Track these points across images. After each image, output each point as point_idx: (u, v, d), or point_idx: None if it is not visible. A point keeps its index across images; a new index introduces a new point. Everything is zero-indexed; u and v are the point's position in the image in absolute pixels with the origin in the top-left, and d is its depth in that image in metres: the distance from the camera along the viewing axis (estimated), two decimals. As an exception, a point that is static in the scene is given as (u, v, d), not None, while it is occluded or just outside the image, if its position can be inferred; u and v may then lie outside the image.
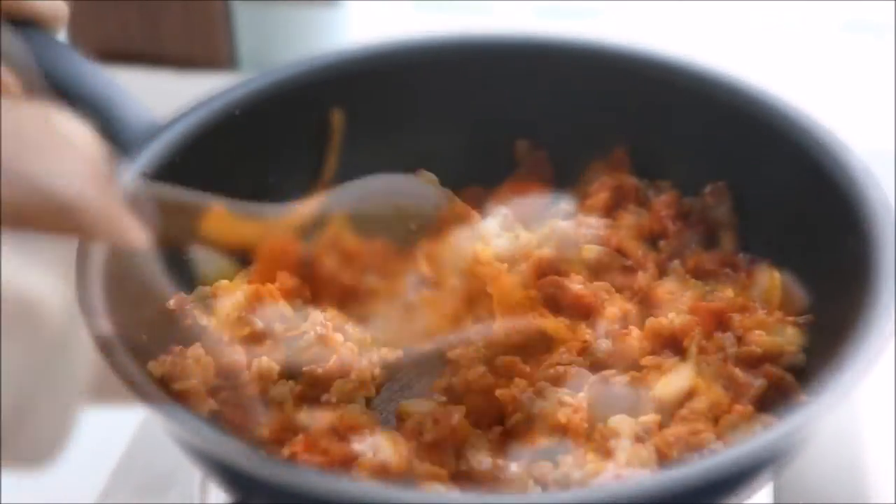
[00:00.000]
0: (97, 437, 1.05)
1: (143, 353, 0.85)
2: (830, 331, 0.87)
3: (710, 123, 1.00)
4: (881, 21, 1.43)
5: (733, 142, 0.99)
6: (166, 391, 0.82)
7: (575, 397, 0.86)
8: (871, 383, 1.04)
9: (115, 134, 0.91)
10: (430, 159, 1.07)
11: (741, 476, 0.74)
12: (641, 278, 0.94)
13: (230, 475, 0.77)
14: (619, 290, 0.95)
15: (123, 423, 0.99)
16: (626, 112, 1.04)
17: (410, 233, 0.90)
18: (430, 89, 1.06)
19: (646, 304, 0.94)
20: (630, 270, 0.95)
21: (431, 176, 1.05)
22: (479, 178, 1.06)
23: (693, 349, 0.87)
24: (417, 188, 0.95)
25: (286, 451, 0.79)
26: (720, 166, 1.01)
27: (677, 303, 0.91)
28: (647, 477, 0.76)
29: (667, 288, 0.93)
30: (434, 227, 0.91)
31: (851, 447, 1.00)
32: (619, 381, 0.86)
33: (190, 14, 1.39)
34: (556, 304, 0.95)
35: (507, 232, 1.00)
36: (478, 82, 1.06)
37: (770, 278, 0.95)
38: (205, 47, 1.41)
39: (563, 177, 1.07)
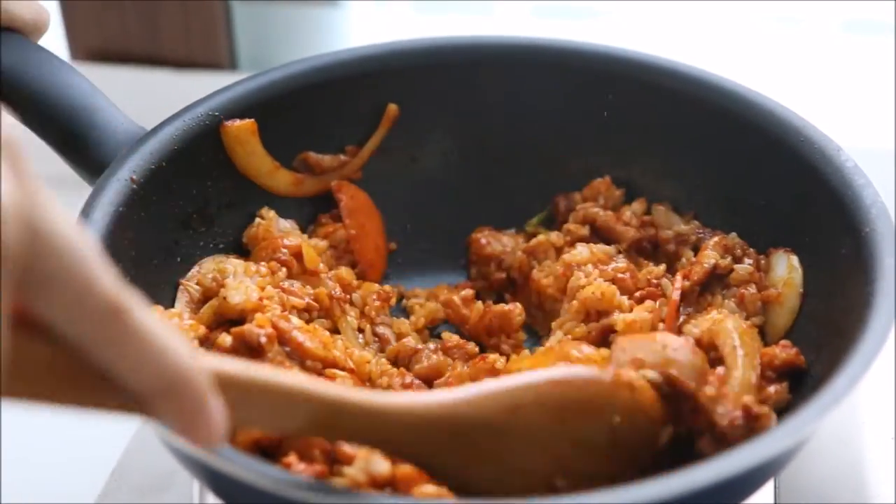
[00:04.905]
0: (97, 438, 1.05)
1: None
2: (829, 332, 0.87)
3: (706, 127, 1.00)
4: (881, 21, 1.43)
5: (729, 145, 0.99)
6: None
7: None
8: (871, 384, 1.04)
9: (98, 141, 0.92)
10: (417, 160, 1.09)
11: (742, 479, 0.74)
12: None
13: (219, 481, 0.77)
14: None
15: (123, 423, 0.99)
16: (622, 116, 1.04)
17: None
18: (419, 91, 1.06)
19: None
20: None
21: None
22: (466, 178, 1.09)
23: None
24: None
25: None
26: (717, 169, 1.01)
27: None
28: (646, 484, 0.76)
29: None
30: None
31: (851, 447, 1.00)
32: None
33: (190, 14, 1.39)
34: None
35: None
36: (463, 85, 1.07)
37: (788, 264, 0.94)
38: (205, 47, 1.41)
39: (554, 176, 1.08)
